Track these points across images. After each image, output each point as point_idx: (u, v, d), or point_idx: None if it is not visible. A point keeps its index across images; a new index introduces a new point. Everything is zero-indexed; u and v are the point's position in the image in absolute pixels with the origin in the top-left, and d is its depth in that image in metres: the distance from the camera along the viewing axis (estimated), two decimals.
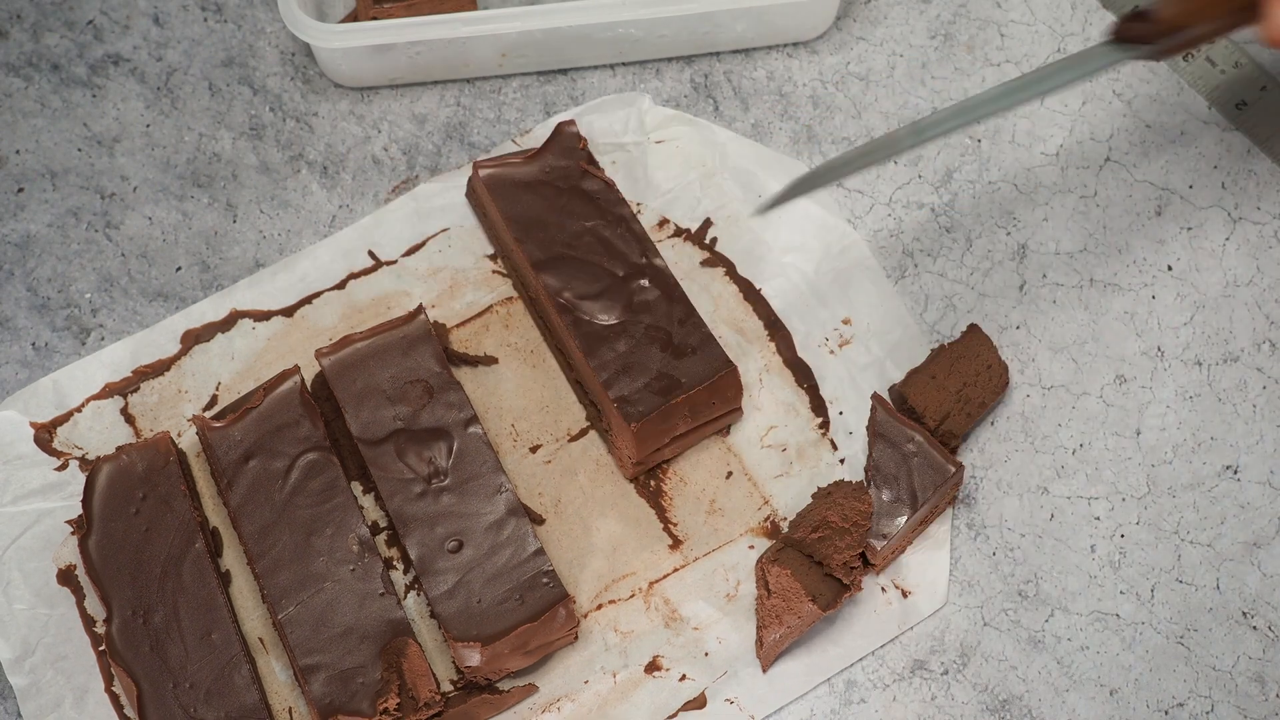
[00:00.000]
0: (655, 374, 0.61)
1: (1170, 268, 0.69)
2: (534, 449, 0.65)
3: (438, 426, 0.62)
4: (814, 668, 0.60)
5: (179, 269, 0.69)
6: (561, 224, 0.65)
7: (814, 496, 0.62)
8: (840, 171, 0.56)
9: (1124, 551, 0.62)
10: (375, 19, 0.71)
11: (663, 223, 0.69)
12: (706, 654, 0.60)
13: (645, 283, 0.64)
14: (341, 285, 0.68)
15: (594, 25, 0.70)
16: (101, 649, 0.60)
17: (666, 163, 0.70)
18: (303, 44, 0.75)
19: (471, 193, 0.68)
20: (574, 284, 0.63)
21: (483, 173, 0.66)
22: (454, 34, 0.69)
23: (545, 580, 0.59)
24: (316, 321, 0.67)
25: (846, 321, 0.67)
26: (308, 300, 0.67)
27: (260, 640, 0.60)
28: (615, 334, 0.62)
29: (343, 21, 0.74)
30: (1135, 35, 0.52)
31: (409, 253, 0.69)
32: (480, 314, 0.67)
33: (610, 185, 0.66)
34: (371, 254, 0.68)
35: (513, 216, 0.65)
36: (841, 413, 0.65)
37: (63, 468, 0.63)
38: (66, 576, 0.61)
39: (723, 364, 0.62)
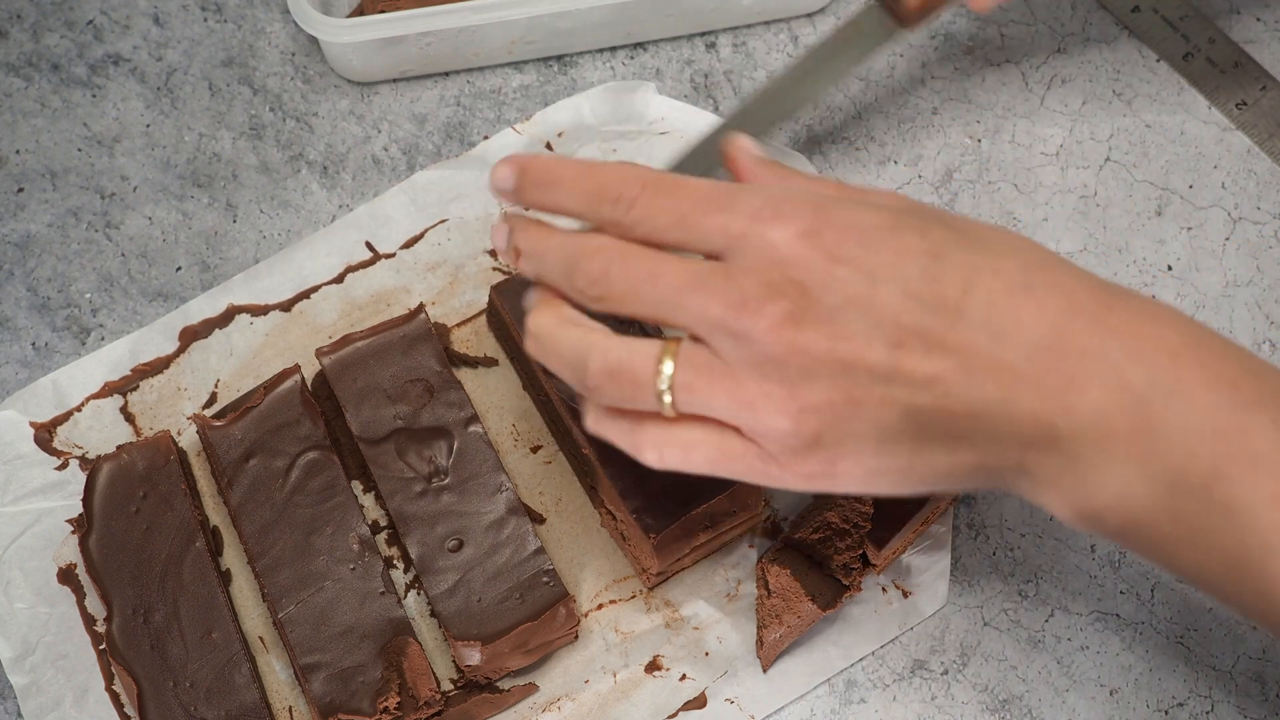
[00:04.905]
0: (673, 482, 0.59)
1: (1170, 268, 0.69)
2: (535, 449, 0.65)
3: (438, 425, 0.62)
4: (814, 668, 0.60)
5: (179, 269, 0.69)
6: None
7: (815, 496, 0.62)
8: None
9: (1124, 551, 0.62)
10: (384, 11, 0.71)
11: None
12: (707, 654, 0.60)
13: None
14: (340, 279, 0.68)
15: (603, 6, 0.70)
16: (102, 648, 0.60)
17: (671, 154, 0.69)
18: (303, 43, 0.75)
19: (491, 311, 0.66)
20: None
21: (500, 295, 0.65)
22: (465, 23, 0.69)
23: (545, 579, 0.59)
24: (315, 317, 0.67)
25: None
26: (305, 295, 0.67)
27: (260, 639, 0.60)
28: None
29: (350, 16, 0.74)
30: (900, 16, 0.62)
31: (407, 245, 0.69)
32: (480, 313, 0.67)
33: None
34: (369, 245, 0.68)
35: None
36: None
37: (63, 467, 0.63)
38: (67, 575, 0.61)
39: None
